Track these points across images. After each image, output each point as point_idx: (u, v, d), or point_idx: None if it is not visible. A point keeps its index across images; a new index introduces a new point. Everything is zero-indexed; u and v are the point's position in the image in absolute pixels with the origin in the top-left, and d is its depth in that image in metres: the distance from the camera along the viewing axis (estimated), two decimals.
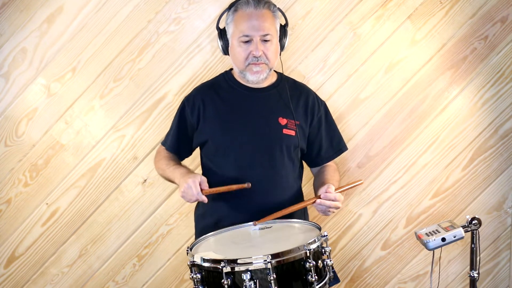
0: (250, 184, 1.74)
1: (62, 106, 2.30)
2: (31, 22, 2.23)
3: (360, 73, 2.30)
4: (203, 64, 2.27)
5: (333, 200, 1.71)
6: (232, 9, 1.81)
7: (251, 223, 1.72)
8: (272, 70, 1.88)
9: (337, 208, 1.74)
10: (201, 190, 1.70)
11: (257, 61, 1.79)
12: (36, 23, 2.23)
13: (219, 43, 1.88)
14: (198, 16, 2.24)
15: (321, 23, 2.26)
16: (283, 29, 1.88)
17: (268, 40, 1.78)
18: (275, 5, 1.83)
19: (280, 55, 1.88)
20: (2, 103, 2.28)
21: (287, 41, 1.91)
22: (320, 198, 1.72)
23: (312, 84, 2.24)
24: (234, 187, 1.74)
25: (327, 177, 1.89)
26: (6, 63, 2.25)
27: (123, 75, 2.27)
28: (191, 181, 1.69)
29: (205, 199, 1.71)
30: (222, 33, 1.86)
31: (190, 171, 1.82)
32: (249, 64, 1.80)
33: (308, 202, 1.76)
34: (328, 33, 2.27)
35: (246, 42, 1.78)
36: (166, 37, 2.25)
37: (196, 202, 1.99)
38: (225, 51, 1.88)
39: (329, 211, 1.74)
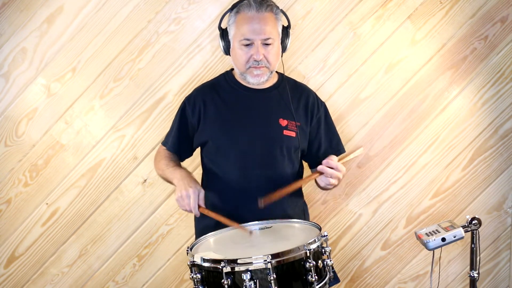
0: (252, 232, 1.67)
1: (62, 106, 2.30)
2: (31, 22, 2.23)
3: (360, 73, 2.30)
4: (203, 64, 2.27)
5: (334, 168, 1.72)
6: (234, 10, 1.80)
7: (250, 223, 1.72)
8: (274, 72, 1.88)
9: (338, 178, 1.75)
10: (199, 206, 1.70)
11: (258, 64, 1.78)
12: (36, 23, 2.23)
13: (220, 44, 1.87)
14: (198, 16, 2.24)
15: (321, 23, 2.26)
16: (285, 31, 1.87)
17: (270, 44, 1.78)
18: (277, 7, 1.82)
19: (281, 56, 1.88)
20: (2, 103, 2.28)
21: (289, 42, 1.90)
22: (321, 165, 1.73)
23: (312, 84, 2.24)
24: (236, 225, 1.67)
25: None
26: (6, 63, 2.25)
27: (123, 75, 2.27)
28: (192, 192, 1.69)
29: (198, 214, 1.72)
30: (224, 34, 1.86)
31: (190, 175, 1.81)
32: (250, 67, 1.80)
33: (312, 177, 1.77)
34: (328, 33, 2.27)
35: (247, 45, 1.77)
36: (166, 37, 2.25)
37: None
38: (227, 51, 1.88)
39: (330, 180, 1.74)
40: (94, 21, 2.23)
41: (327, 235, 1.54)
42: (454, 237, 1.75)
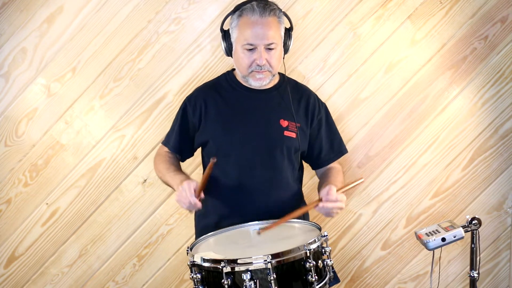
0: (215, 159, 1.64)
1: (62, 106, 2.30)
2: (31, 22, 2.23)
3: (360, 73, 2.30)
4: (203, 64, 2.27)
5: (335, 201, 1.70)
6: (237, 13, 1.79)
7: (250, 223, 1.72)
8: (275, 75, 1.88)
9: (340, 208, 1.72)
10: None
11: (261, 69, 1.78)
12: (36, 23, 2.23)
13: (222, 45, 1.87)
14: (198, 16, 2.24)
15: (321, 23, 2.26)
16: (288, 33, 1.86)
17: (273, 48, 1.77)
18: (280, 10, 1.81)
19: (283, 58, 1.88)
20: (2, 103, 2.28)
21: (291, 44, 1.89)
22: (321, 201, 1.71)
23: (312, 84, 2.24)
24: (208, 171, 1.66)
25: (330, 180, 1.89)
26: (6, 63, 2.25)
27: (123, 75, 2.27)
28: (185, 184, 1.66)
29: (199, 204, 1.67)
30: (225, 35, 1.85)
31: (188, 178, 1.79)
32: (252, 71, 1.80)
33: (310, 206, 1.74)
34: (328, 33, 2.27)
35: (250, 49, 1.77)
36: (166, 37, 2.25)
37: None
38: (228, 53, 1.87)
39: (332, 213, 1.73)
40: (94, 21, 2.23)
41: (327, 235, 1.54)
42: (454, 237, 1.75)
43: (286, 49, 1.87)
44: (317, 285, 1.44)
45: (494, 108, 2.34)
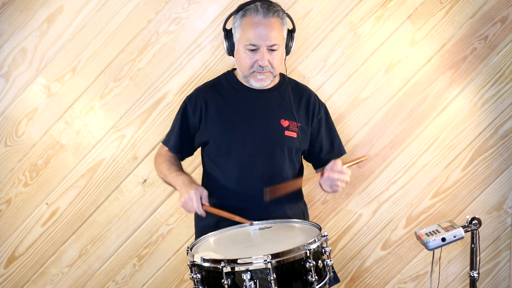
0: (253, 222, 1.70)
1: (62, 106, 2.30)
2: (31, 22, 2.23)
3: (360, 73, 2.30)
4: (203, 64, 2.27)
5: (340, 172, 1.70)
6: (241, 13, 1.79)
7: (253, 223, 1.73)
8: (277, 76, 1.88)
9: (345, 181, 1.73)
10: (202, 204, 1.70)
11: (262, 70, 1.78)
12: (36, 23, 2.23)
13: (224, 45, 1.87)
14: (198, 16, 2.24)
15: (321, 23, 2.26)
16: (290, 34, 1.86)
17: (275, 50, 1.77)
18: (284, 11, 1.81)
19: (285, 58, 1.88)
20: (2, 103, 2.28)
21: (293, 45, 1.89)
22: (327, 170, 1.71)
23: (312, 84, 2.24)
24: (237, 218, 1.70)
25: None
26: (6, 63, 2.25)
27: (123, 75, 2.27)
28: (193, 193, 1.70)
29: (204, 214, 1.72)
30: (228, 35, 1.85)
31: (192, 180, 1.81)
32: (253, 71, 1.80)
33: (315, 177, 1.77)
34: (328, 33, 2.27)
35: (253, 50, 1.76)
36: (166, 37, 2.25)
37: None
38: (230, 53, 1.87)
39: (337, 186, 1.73)
40: (94, 21, 2.23)
41: (327, 235, 1.54)
42: (454, 237, 1.75)
43: (288, 51, 1.87)
44: (317, 285, 1.44)
45: (494, 108, 2.34)
